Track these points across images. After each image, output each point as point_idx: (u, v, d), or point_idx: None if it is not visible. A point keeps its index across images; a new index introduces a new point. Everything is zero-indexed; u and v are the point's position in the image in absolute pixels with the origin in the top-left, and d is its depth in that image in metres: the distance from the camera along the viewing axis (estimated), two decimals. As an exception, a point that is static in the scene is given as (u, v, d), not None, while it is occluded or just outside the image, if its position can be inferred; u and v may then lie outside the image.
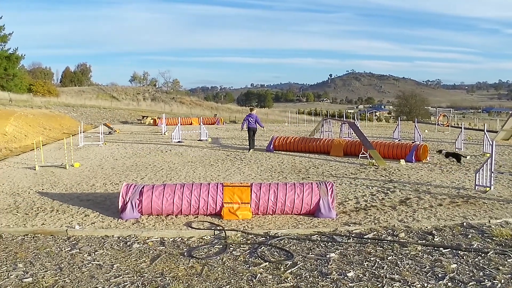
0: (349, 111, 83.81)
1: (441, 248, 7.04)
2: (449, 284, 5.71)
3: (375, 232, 8.02)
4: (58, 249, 7.34)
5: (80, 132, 27.60)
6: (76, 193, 12.13)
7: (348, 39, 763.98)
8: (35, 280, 6.04)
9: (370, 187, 12.46)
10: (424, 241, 7.49)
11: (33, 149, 19.60)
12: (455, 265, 6.34)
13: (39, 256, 6.98)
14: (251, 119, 22.11)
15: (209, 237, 7.90)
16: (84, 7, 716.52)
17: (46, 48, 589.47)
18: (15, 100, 45.48)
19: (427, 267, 6.28)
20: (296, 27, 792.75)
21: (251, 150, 21.89)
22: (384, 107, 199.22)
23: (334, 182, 10.38)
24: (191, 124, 48.53)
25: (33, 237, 8.01)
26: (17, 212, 10.04)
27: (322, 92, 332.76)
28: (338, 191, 11.73)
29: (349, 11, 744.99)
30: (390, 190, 12.06)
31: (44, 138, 28.94)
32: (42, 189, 12.70)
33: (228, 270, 6.29)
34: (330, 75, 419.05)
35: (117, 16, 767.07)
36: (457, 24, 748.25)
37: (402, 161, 17.14)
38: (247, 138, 22.66)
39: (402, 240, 7.50)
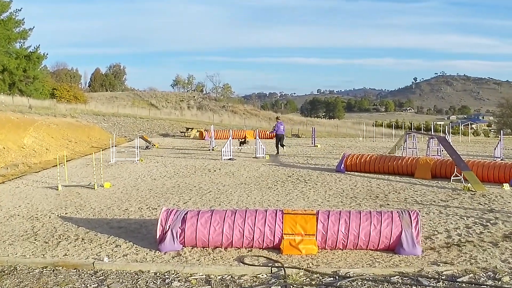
0: (438, 123, 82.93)
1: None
2: None
3: (472, 275, 7.85)
4: (83, 285, 7.45)
5: (112, 146, 28.20)
6: (106, 218, 12.34)
7: (437, 34, 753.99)
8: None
9: (465, 218, 12.21)
10: (534, 287, 7.28)
11: (56, 165, 20.06)
12: None
13: (60, 294, 7.09)
14: (282, 126, 30.56)
15: (265, 276, 7.89)
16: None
17: (72, 47, 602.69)
18: (35, 107, 46.62)
19: (538, 320, 6.08)
20: (372, 20, 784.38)
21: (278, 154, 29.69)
22: (483, 118, 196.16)
23: (419, 211, 10.23)
24: (245, 138, 48.73)
25: (53, 270, 8.16)
26: (35, 240, 10.27)
27: (405, 99, 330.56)
28: (424, 222, 11.53)
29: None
30: (491, 221, 11.79)
31: (69, 152, 29.65)
32: (66, 213, 12.98)
33: (288, 317, 6.25)
34: (415, 79, 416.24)
35: (157, 9, 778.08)
36: None
37: (506, 186, 16.76)
38: (276, 143, 30.88)
39: (506, 286, 7.31)
